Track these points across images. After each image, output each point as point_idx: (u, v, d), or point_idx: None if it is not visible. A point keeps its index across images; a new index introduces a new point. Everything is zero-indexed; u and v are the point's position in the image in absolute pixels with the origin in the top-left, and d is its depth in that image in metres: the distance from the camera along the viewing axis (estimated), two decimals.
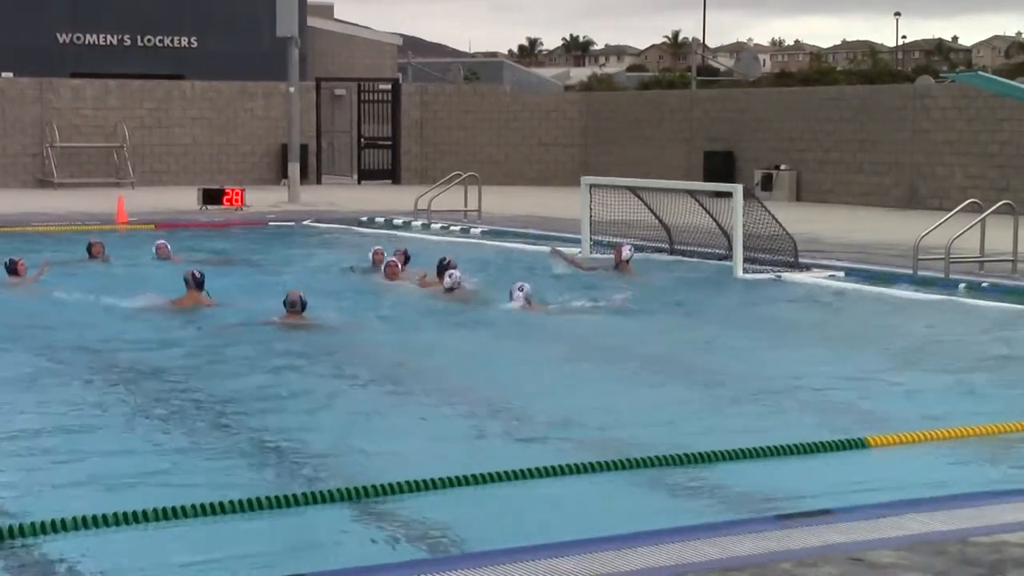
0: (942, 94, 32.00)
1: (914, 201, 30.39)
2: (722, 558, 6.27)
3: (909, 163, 31.14)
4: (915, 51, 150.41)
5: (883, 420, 10.09)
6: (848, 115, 32.76)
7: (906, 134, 31.25)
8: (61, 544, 6.95)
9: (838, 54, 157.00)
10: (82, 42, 44.08)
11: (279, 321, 14.20)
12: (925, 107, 31.16)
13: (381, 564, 6.58)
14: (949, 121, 30.52)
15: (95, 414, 10.42)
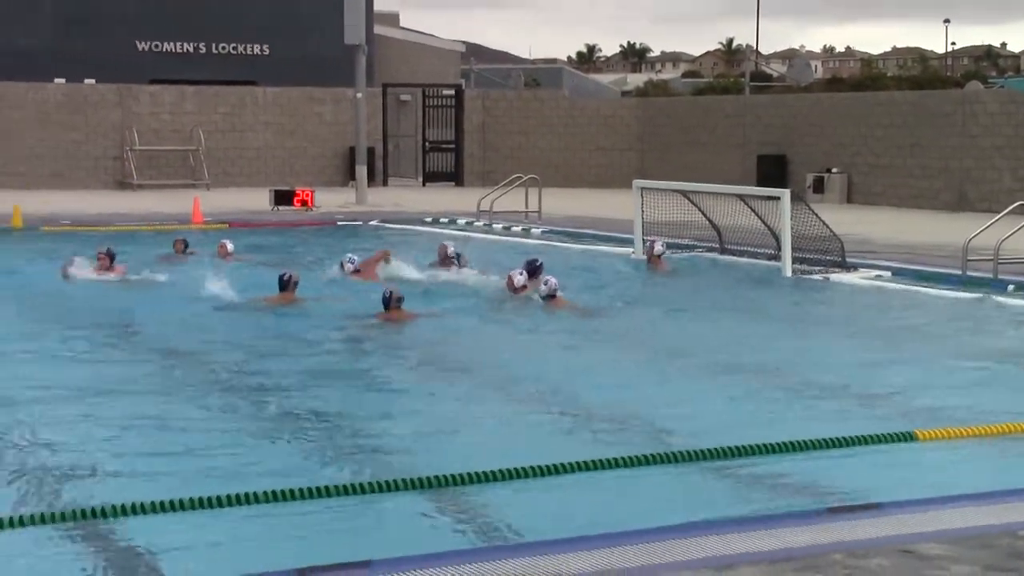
0: (991, 99, 31.70)
1: (963, 204, 30.12)
2: (774, 549, 6.25)
3: (958, 167, 30.86)
4: (964, 57, 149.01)
5: (931, 415, 10.01)
6: (898, 120, 32.51)
7: (955, 139, 30.97)
8: (142, 526, 7.02)
9: (888, 60, 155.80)
10: (160, 50, 44.43)
11: (378, 318, 14.22)
12: (974, 112, 30.86)
13: (446, 551, 6.59)
14: (997, 126, 30.21)
15: (178, 404, 10.50)
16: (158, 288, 17.06)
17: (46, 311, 15.50)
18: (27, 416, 9.85)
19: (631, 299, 17.03)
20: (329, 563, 6.04)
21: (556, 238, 23.98)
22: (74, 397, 10.64)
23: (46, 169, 35.64)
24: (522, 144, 39.65)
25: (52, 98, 36.01)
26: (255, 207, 29.46)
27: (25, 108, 35.58)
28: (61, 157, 35.87)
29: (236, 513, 7.27)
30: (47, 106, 35.80)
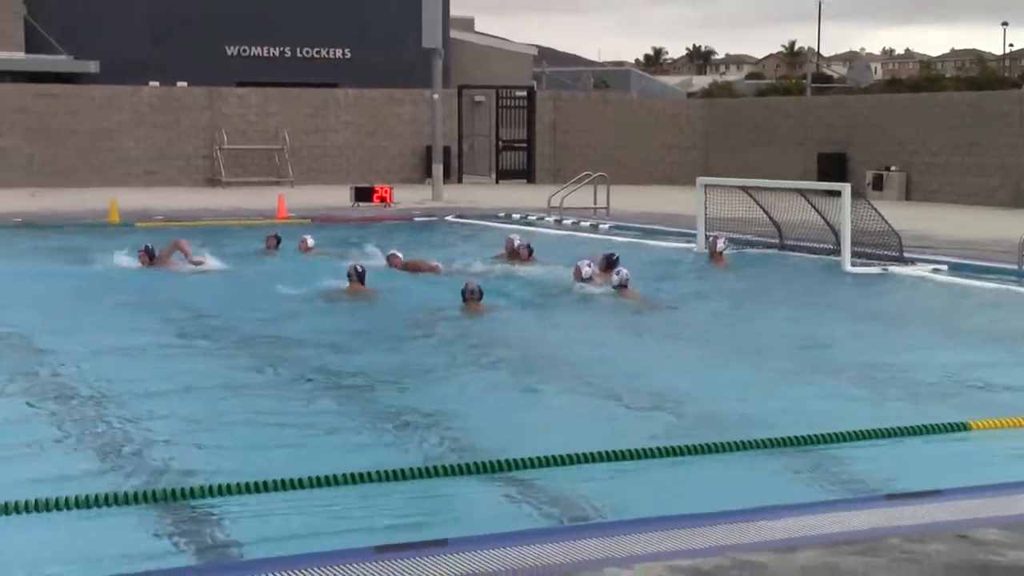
0: None
1: (1020, 201, 29.74)
2: (834, 533, 6.21)
3: (1015, 165, 30.46)
4: (1022, 59, 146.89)
5: (985, 405, 9.90)
6: (956, 120, 32.15)
7: (1012, 137, 30.58)
8: (229, 506, 7.09)
9: (946, 62, 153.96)
10: (247, 54, 44.78)
11: (457, 309, 14.22)
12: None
13: (519, 531, 6.60)
14: None
15: (260, 390, 10.61)
16: (240, 280, 17.23)
17: (134, 303, 15.66)
18: (120, 403, 9.97)
19: (694, 292, 16.95)
20: (407, 542, 6.07)
21: (623, 233, 23.93)
22: (165, 386, 10.73)
23: (140, 168, 36.06)
24: (591, 143, 39.58)
25: (147, 100, 36.41)
26: (336, 203, 29.63)
27: (123, 110, 36.01)
28: (155, 156, 36.27)
29: (318, 494, 7.32)
30: (142, 108, 36.21)
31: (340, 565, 5.64)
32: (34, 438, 8.85)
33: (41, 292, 16.18)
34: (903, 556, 5.77)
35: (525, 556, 5.81)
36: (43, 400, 10.01)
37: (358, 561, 5.69)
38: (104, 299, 15.84)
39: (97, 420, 9.34)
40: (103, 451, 8.47)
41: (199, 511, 7.05)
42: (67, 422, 9.28)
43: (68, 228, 24.50)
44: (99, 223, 25.08)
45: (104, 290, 16.43)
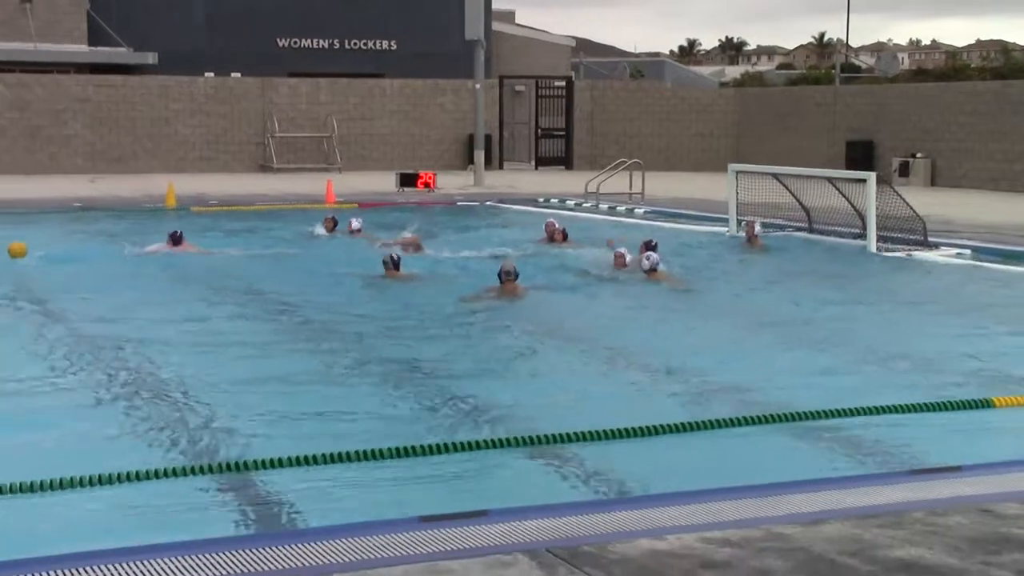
0: None
1: None
2: (860, 506, 6.19)
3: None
4: None
5: (1008, 383, 9.83)
6: (981, 108, 31.86)
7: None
8: (282, 478, 7.13)
9: (972, 52, 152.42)
10: (298, 46, 44.84)
11: (494, 290, 14.17)
12: None
13: (557, 504, 6.61)
14: None
15: (311, 369, 10.63)
16: (288, 261, 17.33)
17: (187, 283, 15.73)
18: (178, 379, 10.03)
19: (727, 273, 16.91)
20: (449, 512, 6.09)
21: (657, 218, 23.88)
22: (224, 364, 10.81)
23: (196, 154, 36.22)
24: (627, 131, 39.48)
25: (202, 90, 36.55)
26: (382, 189, 29.69)
27: (180, 100, 36.16)
28: (210, 143, 36.42)
29: (366, 467, 7.35)
30: (198, 97, 36.36)
31: (387, 534, 5.66)
32: (97, 414, 8.93)
33: (96, 275, 16.24)
34: (926, 529, 5.75)
35: (562, 527, 5.82)
36: (103, 379, 10.09)
37: (404, 530, 5.72)
38: (153, 280, 15.92)
39: (158, 398, 9.40)
40: (165, 426, 8.53)
41: (255, 482, 7.10)
42: (127, 400, 9.34)
43: (126, 212, 24.65)
44: (157, 207, 25.23)
45: (151, 271, 16.52)
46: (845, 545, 5.51)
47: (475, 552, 5.40)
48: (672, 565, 5.24)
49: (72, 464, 7.14)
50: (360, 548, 5.47)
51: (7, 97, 34.36)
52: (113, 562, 5.25)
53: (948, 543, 5.55)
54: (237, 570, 5.20)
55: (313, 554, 5.40)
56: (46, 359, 10.80)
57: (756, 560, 5.32)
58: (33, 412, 8.96)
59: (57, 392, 9.58)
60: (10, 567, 5.22)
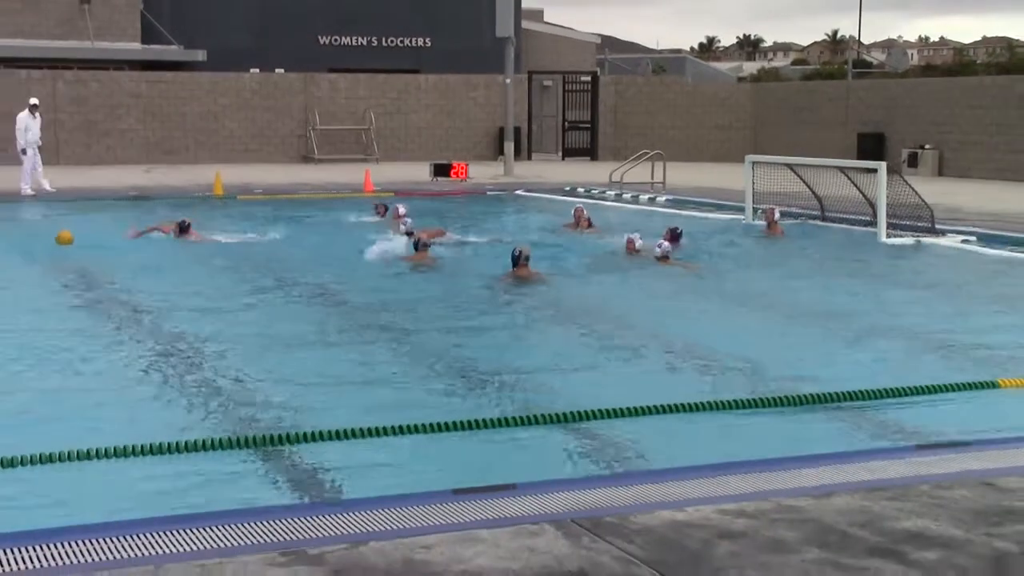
0: None
1: None
2: (869, 479, 6.17)
3: None
4: None
5: (1013, 365, 9.77)
6: (986, 102, 31.62)
7: None
8: (322, 451, 7.16)
9: (978, 49, 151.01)
10: (338, 43, 44.87)
11: (509, 275, 14.09)
12: None
13: (580, 477, 6.61)
14: None
15: (350, 349, 10.66)
16: (322, 246, 17.37)
17: (227, 267, 15.79)
18: (225, 360, 10.07)
19: (743, 258, 16.84)
20: (480, 485, 6.10)
21: (678, 206, 23.81)
22: (265, 343, 10.84)
23: (242, 146, 36.30)
24: (649, 123, 39.35)
25: (248, 86, 36.61)
26: (417, 178, 29.71)
27: (227, 95, 36.23)
28: (255, 136, 36.49)
29: (401, 441, 7.37)
30: (244, 93, 36.42)
31: (422, 505, 5.68)
32: (144, 389, 8.98)
33: (141, 258, 16.32)
34: (932, 501, 5.73)
35: (586, 500, 5.82)
36: (151, 356, 10.14)
37: (438, 502, 5.74)
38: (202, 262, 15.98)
39: (209, 375, 9.44)
40: (215, 402, 8.58)
41: (296, 456, 7.13)
42: (175, 377, 9.39)
43: (178, 199, 24.76)
44: (206, 195, 25.32)
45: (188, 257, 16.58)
46: (854, 516, 5.50)
47: (504, 522, 5.41)
48: (690, 535, 5.24)
49: (124, 436, 7.19)
50: (397, 518, 5.49)
51: (67, 94, 34.52)
52: (167, 529, 5.29)
53: (953, 515, 5.53)
54: (284, 538, 5.22)
55: (354, 523, 5.42)
56: (98, 339, 10.86)
57: (770, 531, 5.31)
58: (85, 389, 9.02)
59: (108, 370, 9.63)
60: (69, 532, 5.25)
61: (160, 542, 5.14)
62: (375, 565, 4.87)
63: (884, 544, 5.16)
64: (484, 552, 5.00)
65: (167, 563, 4.88)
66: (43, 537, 5.20)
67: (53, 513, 6.05)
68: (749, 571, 4.86)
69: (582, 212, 19.16)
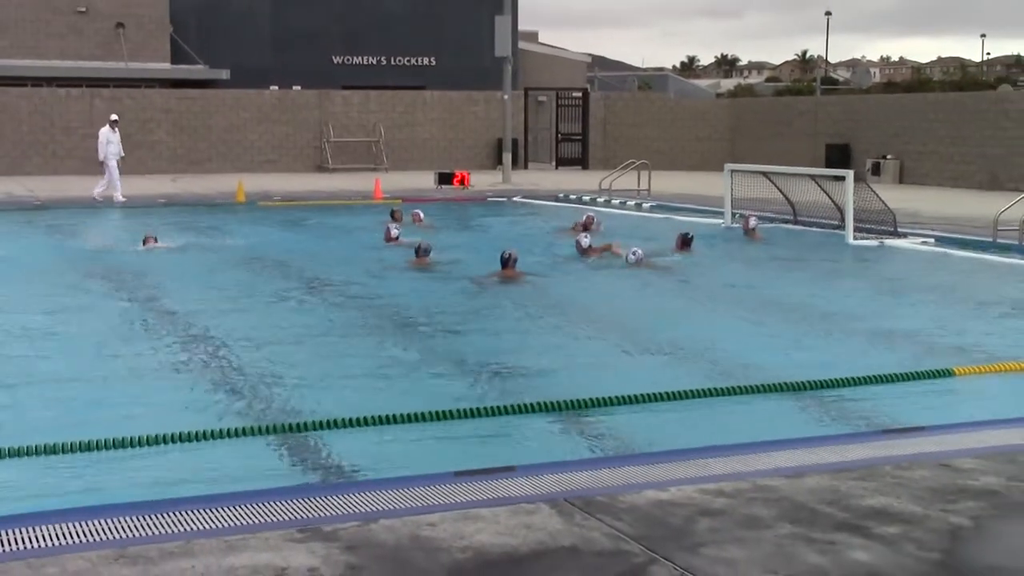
0: (1019, 99, 30.80)
1: (995, 184, 29.20)
2: (837, 461, 6.17)
3: (991, 154, 29.92)
4: (997, 65, 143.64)
5: (966, 354, 9.78)
6: (942, 116, 31.61)
7: (989, 131, 30.02)
8: (333, 438, 7.14)
9: (934, 68, 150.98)
10: (350, 63, 44.82)
11: (497, 275, 14.04)
12: (1005, 110, 29.89)
13: (573, 460, 6.61)
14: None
15: (359, 343, 10.64)
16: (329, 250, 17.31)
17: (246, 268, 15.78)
18: (248, 353, 10.05)
19: (720, 258, 16.78)
20: (481, 467, 6.09)
21: (662, 211, 23.79)
22: (277, 338, 10.82)
23: (262, 157, 36.25)
24: (636, 135, 39.32)
25: (268, 102, 36.58)
26: (423, 186, 29.68)
27: (249, 110, 36.20)
28: (274, 147, 36.45)
29: (406, 428, 7.36)
30: (264, 108, 36.38)
31: (426, 486, 5.68)
32: (170, 380, 8.98)
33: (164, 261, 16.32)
34: (894, 481, 5.73)
35: (578, 481, 5.82)
36: (176, 350, 10.13)
37: (440, 483, 5.73)
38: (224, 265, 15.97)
39: (230, 368, 9.43)
40: (233, 391, 8.57)
41: (309, 442, 7.12)
42: (194, 369, 9.38)
43: (203, 206, 24.74)
44: (228, 202, 25.30)
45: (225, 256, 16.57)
46: (823, 495, 5.50)
47: (503, 502, 5.41)
48: (674, 513, 5.24)
49: (145, 425, 7.19)
50: (403, 498, 5.48)
51: (103, 110, 34.49)
52: (188, 509, 5.29)
53: (913, 493, 5.54)
54: (301, 516, 5.22)
55: (365, 503, 5.42)
56: (117, 334, 10.85)
57: (746, 508, 5.31)
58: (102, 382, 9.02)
59: (131, 366, 9.63)
60: (111, 510, 5.25)
61: (190, 519, 5.14)
62: (384, 541, 4.86)
63: (850, 520, 5.16)
64: (484, 529, 5.00)
65: (197, 539, 4.88)
66: (82, 515, 5.20)
67: (91, 494, 6.04)
68: (728, 545, 4.86)
69: (593, 219, 19.19)
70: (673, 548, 4.82)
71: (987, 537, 5.04)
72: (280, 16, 43.53)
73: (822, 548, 4.84)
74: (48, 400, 8.25)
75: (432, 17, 45.35)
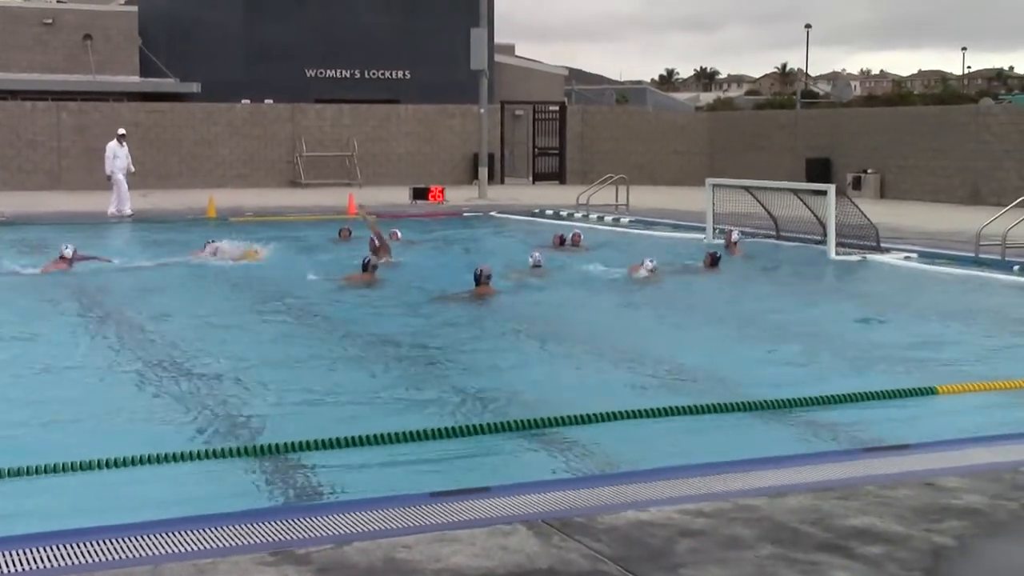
0: (1000, 112, 31.00)
1: (977, 199, 29.43)
2: (819, 480, 6.18)
3: (973, 168, 30.15)
4: (979, 78, 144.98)
5: (948, 371, 9.81)
6: (923, 130, 31.84)
7: (971, 144, 30.26)
8: (303, 459, 7.11)
9: (915, 81, 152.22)
10: (324, 76, 44.80)
11: (470, 293, 13.99)
12: (986, 123, 30.14)
13: (550, 479, 6.59)
14: (1006, 134, 29.48)
15: (327, 363, 10.60)
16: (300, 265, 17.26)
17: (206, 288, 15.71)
18: (214, 376, 10.01)
19: (705, 276, 16.83)
20: (455, 488, 6.07)
21: (641, 226, 23.83)
22: (247, 358, 10.78)
23: (234, 171, 36.17)
24: (614, 149, 39.44)
25: (239, 115, 36.52)
26: (397, 201, 29.65)
27: (220, 124, 36.13)
28: (246, 162, 36.37)
29: (380, 449, 7.33)
30: (236, 121, 36.32)
31: (401, 507, 5.65)
32: (129, 402, 8.92)
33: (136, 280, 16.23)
34: (877, 500, 5.74)
35: (555, 500, 5.80)
36: (141, 371, 10.07)
37: (416, 504, 5.71)
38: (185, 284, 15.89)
39: (198, 391, 9.38)
40: (202, 411, 8.52)
41: (281, 463, 7.07)
42: (155, 389, 9.33)
43: (174, 222, 24.64)
44: (199, 218, 25.21)
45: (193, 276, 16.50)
46: (805, 515, 5.50)
47: (479, 523, 5.38)
48: (654, 534, 5.23)
49: (124, 447, 7.14)
50: (377, 520, 5.46)
51: (70, 123, 34.35)
52: (156, 532, 5.24)
53: (896, 513, 5.54)
54: (273, 539, 5.19)
55: (338, 525, 5.39)
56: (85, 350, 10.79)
57: (727, 529, 5.30)
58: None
59: (90, 380, 9.56)
60: (78, 535, 5.20)
61: (158, 543, 5.10)
62: (358, 564, 4.84)
63: (833, 540, 5.16)
64: (460, 551, 4.98)
65: (165, 563, 4.83)
66: (47, 540, 5.15)
67: (57, 518, 5.98)
68: (708, 567, 4.85)
69: (579, 236, 19.46)
70: (653, 570, 4.81)
71: (971, 557, 5.05)
72: (253, 29, 43.48)
73: (804, 569, 4.84)
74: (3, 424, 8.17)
75: (407, 30, 45.41)
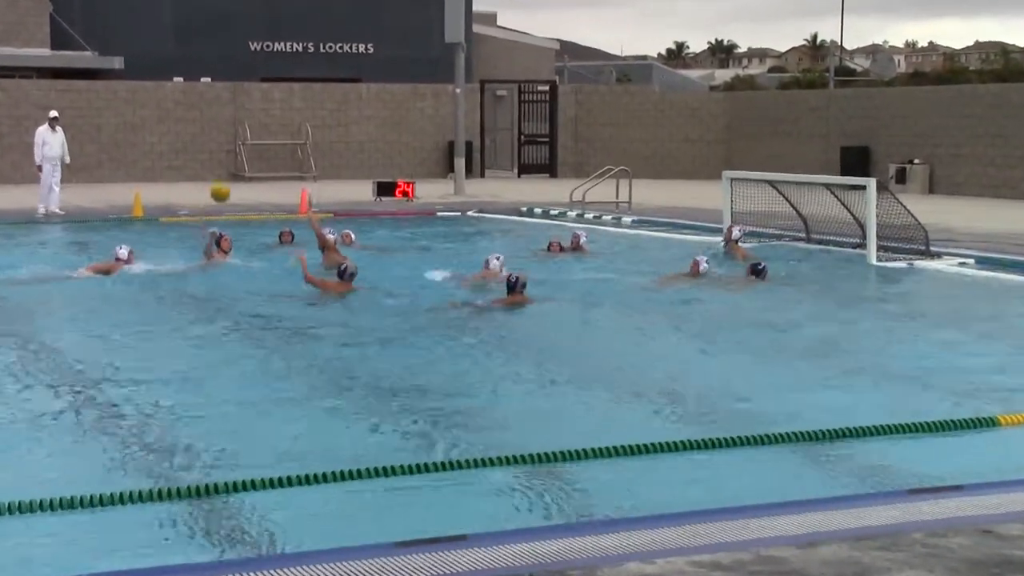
0: None
1: None
2: (857, 527, 6.18)
3: None
4: None
5: (1013, 400, 9.83)
6: (980, 111, 31.95)
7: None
8: (253, 501, 7.10)
9: (971, 54, 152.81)
10: (271, 50, 44.86)
11: (500, 302, 14.31)
12: None
13: (539, 527, 6.58)
14: None
15: (285, 386, 10.58)
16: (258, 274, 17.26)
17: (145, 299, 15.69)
18: (143, 401, 9.98)
19: (723, 283, 16.82)
20: (427, 537, 6.05)
21: (646, 228, 23.86)
22: (185, 380, 10.76)
23: (164, 163, 36.17)
24: (613, 136, 39.55)
25: (170, 96, 36.51)
26: (359, 198, 29.64)
27: (147, 106, 36.11)
28: (178, 151, 36.37)
29: (340, 488, 7.31)
30: (166, 103, 36.31)
31: (362, 559, 5.63)
32: (48, 436, 8.89)
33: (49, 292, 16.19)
34: (925, 551, 5.74)
35: (546, 552, 5.78)
36: (52, 392, 10.04)
37: (379, 555, 5.69)
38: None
39: (119, 417, 9.35)
40: (127, 448, 8.49)
41: (223, 506, 7.05)
42: (81, 420, 9.30)
43: (92, 223, 24.56)
44: (123, 217, 25.14)
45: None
46: (842, 568, 5.49)
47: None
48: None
49: (46, 488, 7.11)
50: (335, 573, 5.43)
51: None
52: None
53: (949, 565, 5.54)
54: None
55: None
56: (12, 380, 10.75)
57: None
58: None
59: (21, 414, 9.53)
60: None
61: None
62: None
63: None
64: None
65: None
66: None
67: None
68: None
69: (580, 238, 19.53)
70: None
71: None
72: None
73: None
74: None
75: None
